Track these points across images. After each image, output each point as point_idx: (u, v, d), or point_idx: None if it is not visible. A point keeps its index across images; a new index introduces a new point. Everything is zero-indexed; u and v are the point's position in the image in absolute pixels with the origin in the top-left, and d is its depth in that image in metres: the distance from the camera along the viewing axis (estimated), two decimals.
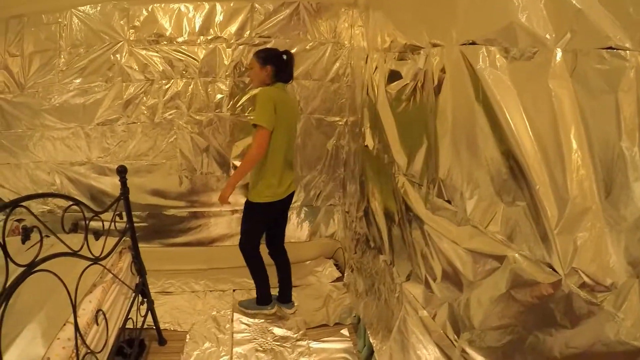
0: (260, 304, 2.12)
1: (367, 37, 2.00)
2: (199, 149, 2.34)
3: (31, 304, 1.16)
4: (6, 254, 0.84)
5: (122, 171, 1.60)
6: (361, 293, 1.95)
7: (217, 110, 2.32)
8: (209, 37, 2.25)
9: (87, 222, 1.20)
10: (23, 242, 0.93)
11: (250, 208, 1.88)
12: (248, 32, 2.24)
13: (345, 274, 2.29)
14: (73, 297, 1.10)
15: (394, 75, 1.59)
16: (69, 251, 1.10)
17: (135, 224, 2.57)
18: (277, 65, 1.84)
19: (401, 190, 1.52)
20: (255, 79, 1.85)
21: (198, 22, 2.25)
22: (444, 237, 1.22)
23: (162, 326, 1.96)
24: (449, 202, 1.17)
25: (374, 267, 1.80)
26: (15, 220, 2.57)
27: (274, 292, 2.15)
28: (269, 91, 1.77)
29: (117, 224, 1.51)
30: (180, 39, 2.27)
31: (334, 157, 2.44)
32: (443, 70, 1.17)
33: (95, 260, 1.27)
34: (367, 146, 1.91)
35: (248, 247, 1.98)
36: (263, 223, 1.95)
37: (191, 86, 2.28)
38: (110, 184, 2.45)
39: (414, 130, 1.43)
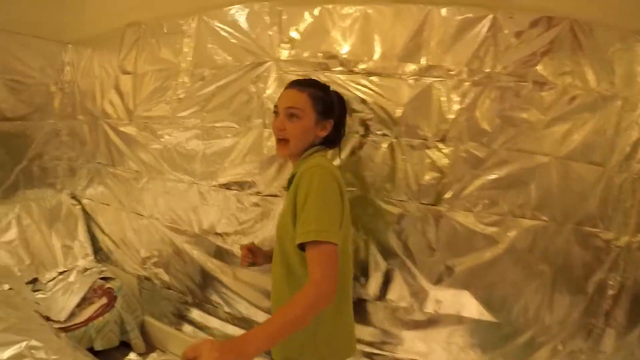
0: None
1: None
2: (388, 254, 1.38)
3: None
4: None
5: None
6: None
7: (424, 201, 1.29)
8: (420, 66, 1.27)
9: None
10: None
11: None
12: (490, 63, 1.21)
13: None
14: None
15: None
16: None
17: None
18: (339, 120, 1.12)
19: None
20: (300, 137, 1.03)
21: (400, 38, 1.28)
22: None
23: None
24: None
25: None
26: (101, 278, 2.00)
27: None
28: (331, 169, 0.95)
29: None
30: (364, 65, 1.32)
31: (594, 301, 1.25)
32: None
33: None
34: None
35: None
36: None
37: (381, 149, 1.32)
38: (230, 274, 1.66)
39: None
